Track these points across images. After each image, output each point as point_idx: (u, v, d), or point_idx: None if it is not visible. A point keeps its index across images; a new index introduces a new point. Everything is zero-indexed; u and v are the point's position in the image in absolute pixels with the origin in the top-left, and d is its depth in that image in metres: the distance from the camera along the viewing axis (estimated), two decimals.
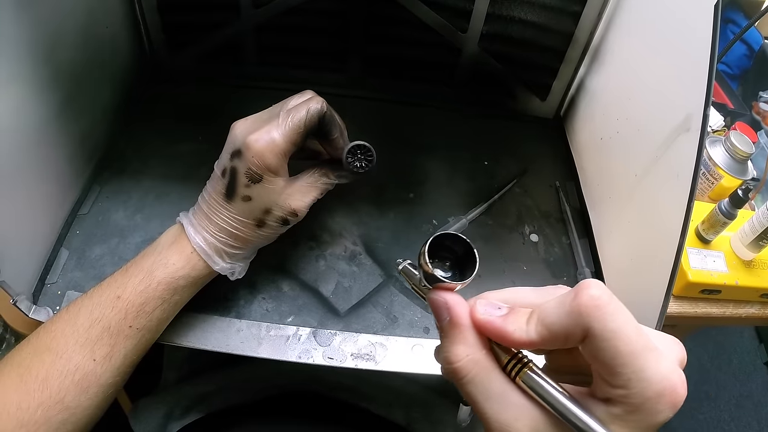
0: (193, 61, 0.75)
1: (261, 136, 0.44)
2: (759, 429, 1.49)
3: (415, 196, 0.66)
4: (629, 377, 0.24)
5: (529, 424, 0.26)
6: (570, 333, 0.25)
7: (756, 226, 0.72)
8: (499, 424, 0.26)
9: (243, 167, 0.44)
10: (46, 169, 0.54)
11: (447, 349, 0.29)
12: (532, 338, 0.27)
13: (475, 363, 0.28)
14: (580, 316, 0.25)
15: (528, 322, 0.27)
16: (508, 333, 0.27)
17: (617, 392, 0.24)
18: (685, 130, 0.47)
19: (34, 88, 0.51)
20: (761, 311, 0.77)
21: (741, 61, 1.13)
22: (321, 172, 0.49)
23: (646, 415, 0.24)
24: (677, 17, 0.51)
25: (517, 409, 0.26)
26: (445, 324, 0.29)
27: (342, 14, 0.69)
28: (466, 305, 0.29)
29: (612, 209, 0.61)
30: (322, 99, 0.47)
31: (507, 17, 0.68)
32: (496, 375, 0.27)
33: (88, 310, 0.43)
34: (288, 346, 0.51)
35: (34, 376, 0.39)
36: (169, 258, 0.45)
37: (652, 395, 0.24)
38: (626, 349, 0.24)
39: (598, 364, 0.25)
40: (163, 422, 0.63)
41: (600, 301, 0.24)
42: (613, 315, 0.24)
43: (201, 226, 0.46)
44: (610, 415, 0.25)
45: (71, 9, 0.56)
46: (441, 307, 0.30)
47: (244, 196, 0.45)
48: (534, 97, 0.78)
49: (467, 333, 0.28)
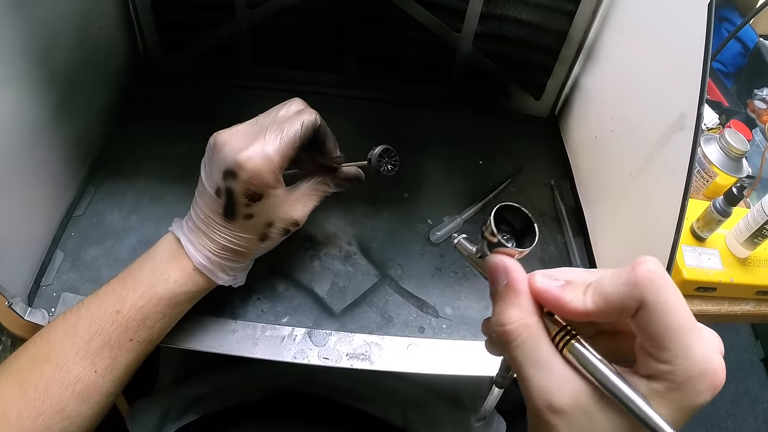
0: (188, 62, 0.74)
1: (255, 153, 0.42)
2: (756, 426, 1.49)
3: (410, 196, 0.66)
4: (676, 353, 0.24)
5: (570, 394, 0.26)
6: (625, 304, 0.26)
7: (751, 224, 0.72)
8: (541, 391, 0.27)
9: (240, 188, 0.42)
10: (40, 171, 0.54)
11: (501, 312, 0.29)
12: (588, 307, 0.27)
13: (526, 327, 0.28)
14: (637, 287, 0.25)
15: (585, 292, 0.28)
16: (566, 301, 0.28)
17: (662, 367, 0.25)
18: (680, 128, 0.47)
19: (29, 90, 0.51)
20: (757, 308, 0.77)
21: (736, 59, 1.14)
22: (319, 180, 0.49)
23: (687, 394, 0.25)
24: (671, 15, 0.51)
25: (560, 378, 0.27)
26: (502, 287, 0.30)
27: (337, 14, 0.69)
28: (524, 272, 0.30)
29: (607, 207, 0.61)
30: (315, 111, 0.46)
31: (501, 16, 0.68)
32: (544, 342, 0.28)
33: (86, 323, 0.42)
34: (283, 346, 0.51)
35: (34, 386, 0.39)
36: (170, 274, 0.44)
37: (696, 374, 0.24)
38: (677, 323, 0.25)
39: (647, 337, 0.25)
40: (159, 424, 0.63)
41: (656, 275, 0.25)
42: (667, 289, 0.25)
43: (201, 245, 0.44)
44: (652, 391, 0.25)
45: (66, 11, 0.56)
46: (500, 270, 0.30)
47: (246, 214, 0.44)
48: (529, 96, 0.78)
49: (522, 297, 0.29)
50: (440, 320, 0.55)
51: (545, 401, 0.27)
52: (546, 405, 0.27)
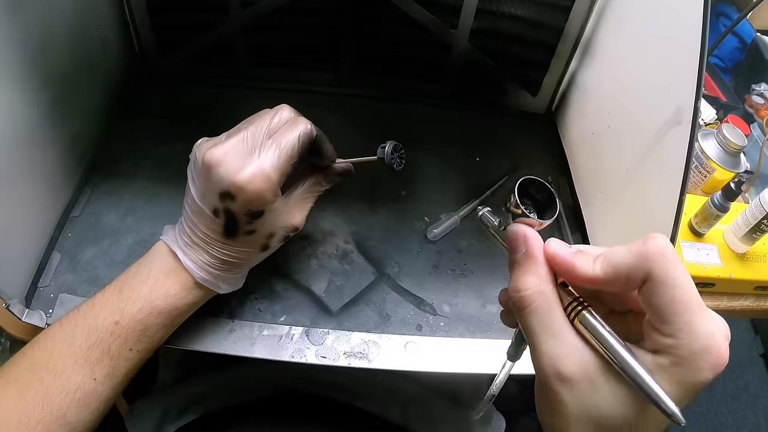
0: (184, 62, 0.74)
1: (254, 174, 0.40)
2: (756, 421, 1.49)
3: (407, 194, 0.66)
4: (680, 327, 0.25)
5: (577, 363, 0.27)
6: (632, 275, 0.27)
7: (749, 219, 0.72)
8: (549, 357, 0.28)
9: (241, 209, 0.41)
10: (37, 172, 0.54)
11: (518, 278, 0.30)
12: (597, 274, 0.28)
13: (540, 294, 0.29)
14: (645, 260, 0.26)
15: (595, 261, 0.29)
16: (576, 267, 0.29)
17: (666, 341, 0.26)
18: (676, 123, 0.47)
19: (25, 91, 0.51)
20: (756, 304, 0.77)
21: (733, 54, 1.14)
22: (313, 181, 0.49)
23: (689, 370, 0.25)
24: (667, 10, 0.51)
25: (569, 347, 0.28)
26: (521, 255, 0.31)
27: (332, 13, 0.69)
28: (542, 242, 0.31)
29: (604, 203, 0.61)
30: (308, 120, 0.45)
31: (497, 13, 0.67)
32: (557, 310, 0.29)
33: (84, 332, 0.41)
34: (281, 345, 0.51)
35: (34, 393, 0.39)
36: (169, 288, 0.43)
37: (698, 349, 0.25)
38: (682, 298, 0.25)
39: (653, 310, 0.26)
40: (158, 424, 0.63)
41: (665, 249, 0.26)
42: (675, 265, 0.26)
43: (201, 260, 0.44)
44: (657, 365, 0.26)
45: (61, 12, 0.56)
46: (519, 238, 0.31)
47: (248, 231, 0.43)
48: (525, 93, 0.78)
49: (539, 265, 0.30)
50: (438, 318, 0.55)
51: (553, 368, 0.27)
52: (554, 372, 0.27)
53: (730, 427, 1.49)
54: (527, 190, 0.33)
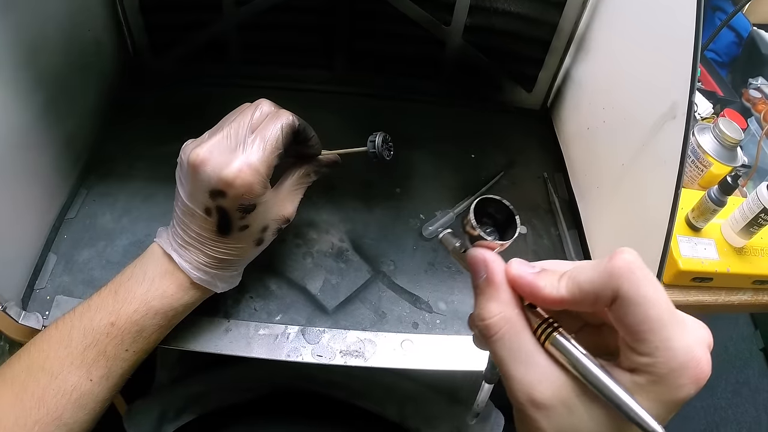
0: (178, 62, 0.74)
1: (241, 168, 0.40)
2: (756, 415, 1.49)
3: (402, 191, 0.66)
4: (656, 345, 0.24)
5: (551, 387, 0.26)
6: (600, 293, 0.25)
7: (746, 213, 0.72)
8: (521, 384, 0.26)
9: (233, 205, 0.42)
10: (31, 173, 0.54)
11: (481, 306, 0.29)
12: (563, 294, 0.27)
13: (506, 321, 0.28)
14: (612, 277, 0.25)
15: (560, 279, 0.27)
16: (539, 287, 0.27)
17: (642, 360, 0.24)
18: (672, 117, 0.47)
19: (18, 92, 0.50)
20: (754, 298, 0.77)
21: (730, 48, 1.13)
22: (302, 172, 0.49)
23: (669, 387, 0.24)
24: (661, 3, 0.50)
25: (541, 372, 0.26)
26: (482, 281, 0.30)
27: (326, 10, 0.69)
28: (503, 265, 0.30)
29: (600, 199, 0.61)
30: (289, 112, 0.45)
31: (490, 9, 0.67)
32: (525, 335, 0.28)
33: (80, 333, 0.41)
34: (277, 344, 0.51)
35: (30, 395, 0.39)
36: (166, 289, 0.44)
37: (677, 366, 0.24)
38: (656, 315, 0.24)
39: (626, 329, 0.25)
40: (156, 424, 0.63)
41: (633, 265, 0.25)
42: (645, 281, 0.25)
43: (197, 260, 0.44)
44: (635, 384, 0.25)
45: (53, 13, 0.55)
46: (479, 263, 0.30)
47: (241, 227, 0.43)
48: (520, 89, 0.77)
49: (502, 290, 0.29)
50: (434, 315, 0.55)
51: (526, 395, 0.26)
52: (528, 399, 0.26)
53: (730, 422, 1.49)
54: (486, 209, 0.33)
